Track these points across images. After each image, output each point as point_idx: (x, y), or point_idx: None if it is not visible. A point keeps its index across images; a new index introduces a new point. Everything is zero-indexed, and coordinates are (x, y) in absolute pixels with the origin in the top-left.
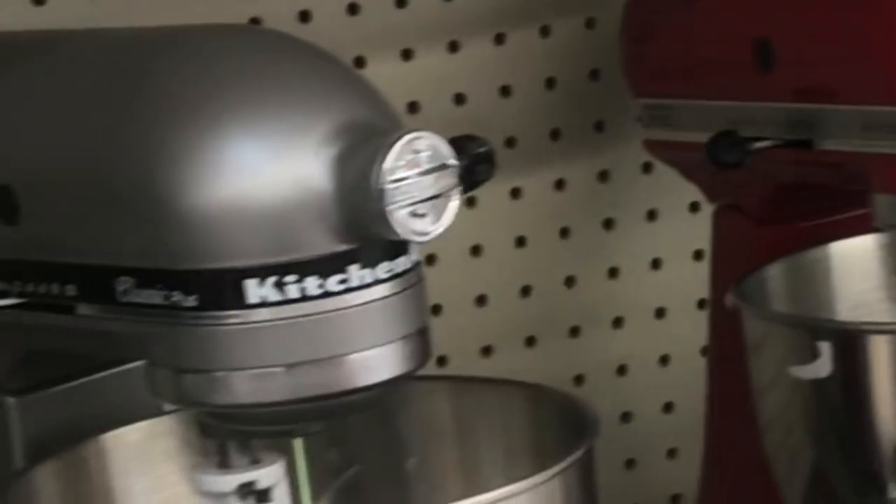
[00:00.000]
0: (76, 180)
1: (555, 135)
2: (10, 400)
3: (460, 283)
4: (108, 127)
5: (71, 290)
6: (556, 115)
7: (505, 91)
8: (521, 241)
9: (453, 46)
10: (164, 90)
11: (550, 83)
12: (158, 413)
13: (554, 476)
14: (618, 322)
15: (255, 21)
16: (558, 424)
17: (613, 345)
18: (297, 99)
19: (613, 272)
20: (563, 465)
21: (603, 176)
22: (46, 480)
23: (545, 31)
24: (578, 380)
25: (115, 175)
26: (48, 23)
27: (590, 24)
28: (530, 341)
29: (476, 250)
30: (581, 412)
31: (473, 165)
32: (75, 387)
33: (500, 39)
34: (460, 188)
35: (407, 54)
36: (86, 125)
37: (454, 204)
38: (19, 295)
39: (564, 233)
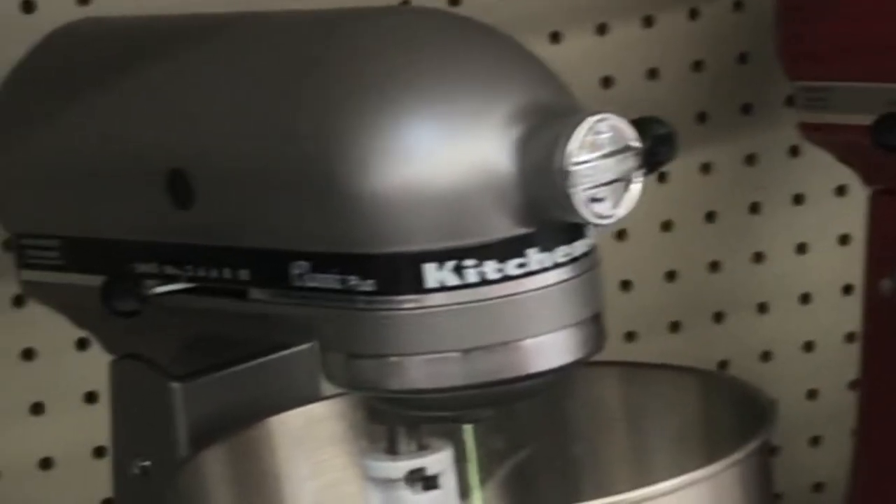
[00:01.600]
0: (251, 164)
1: (701, 118)
2: (175, 385)
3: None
4: (284, 109)
5: (244, 274)
6: (704, 97)
7: (652, 74)
8: (666, 226)
9: (601, 29)
10: (342, 72)
11: (698, 66)
12: (320, 397)
13: (730, 466)
14: (763, 307)
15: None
16: (732, 412)
17: (758, 330)
18: (479, 79)
19: (759, 257)
20: (740, 454)
21: (750, 159)
22: (213, 465)
23: (693, 14)
24: (722, 365)
25: (292, 158)
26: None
27: (738, 6)
28: (674, 326)
29: (621, 234)
30: (757, 399)
31: (655, 147)
32: (238, 372)
33: (648, 22)
34: (643, 171)
35: (555, 37)
36: (261, 108)
37: (637, 187)
38: (189, 279)
39: (710, 217)
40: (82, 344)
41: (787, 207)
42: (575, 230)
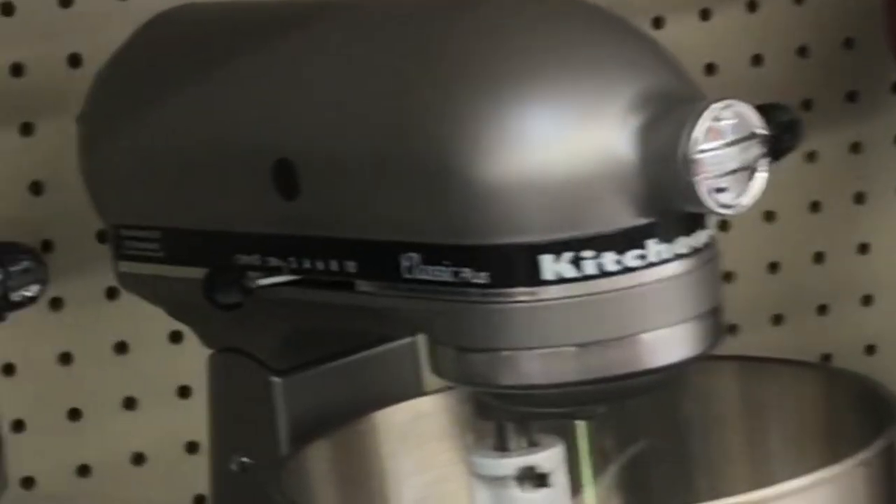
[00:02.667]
0: (360, 153)
1: (806, 105)
2: (276, 380)
3: None
4: (394, 97)
5: (351, 266)
6: (808, 84)
7: (756, 60)
8: (769, 216)
9: (705, 14)
10: (457, 56)
11: (803, 52)
12: (424, 392)
13: (857, 466)
14: (867, 300)
15: None
16: (853, 409)
17: (862, 323)
18: (598, 64)
19: (864, 248)
20: (867, 453)
21: (855, 148)
22: (315, 461)
23: None
24: (825, 359)
25: (403, 147)
26: None
27: None
28: (777, 319)
29: (723, 225)
30: (880, 396)
31: (780, 134)
32: (340, 366)
33: (752, 6)
34: (768, 159)
35: (658, 22)
36: (370, 96)
37: (762, 175)
38: (293, 271)
39: (814, 207)
40: (175, 337)
41: (893, 197)
42: (695, 220)
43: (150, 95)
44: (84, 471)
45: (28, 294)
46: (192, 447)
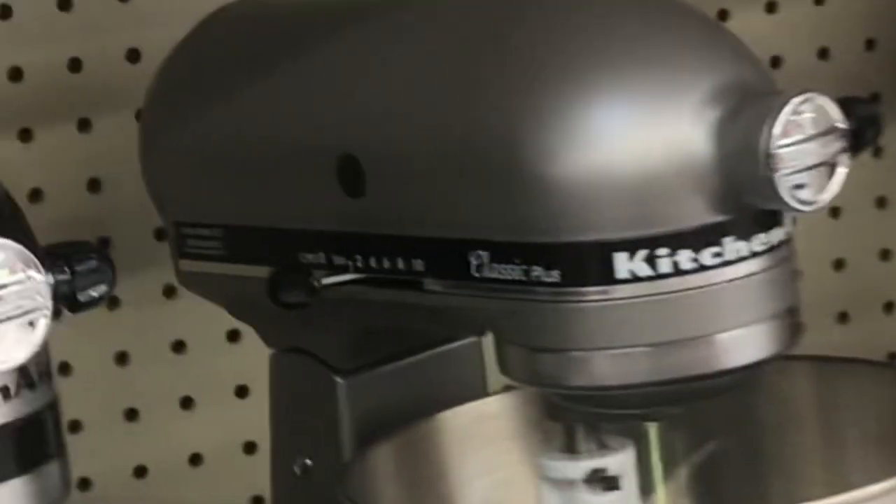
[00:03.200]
0: (428, 148)
1: (874, 99)
2: (340, 380)
3: None
4: (463, 91)
5: (418, 264)
6: (876, 78)
7: (823, 53)
8: (835, 212)
9: (770, 7)
10: (528, 49)
11: (870, 45)
12: (489, 392)
13: None
14: None
15: None
16: None
17: None
18: (673, 57)
19: None
20: None
21: None
22: (380, 463)
23: None
24: (891, 358)
25: (472, 142)
26: None
27: None
28: (842, 317)
29: None
30: None
31: (861, 129)
32: (404, 366)
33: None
34: (848, 154)
35: (723, 15)
36: (438, 90)
37: (842, 171)
38: (359, 270)
39: (881, 203)
40: (233, 336)
41: None
42: (772, 217)
43: (213, 90)
44: (141, 472)
45: (95, 294)
46: (249, 447)
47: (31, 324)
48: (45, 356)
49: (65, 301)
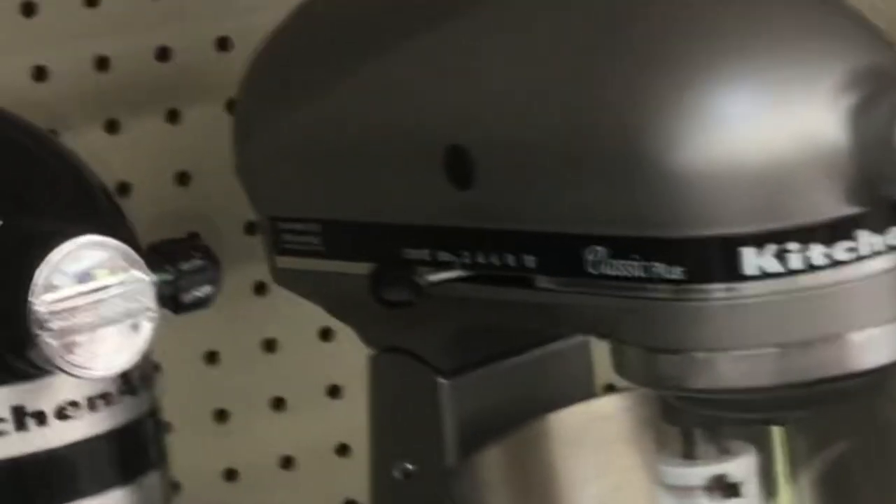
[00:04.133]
0: (541, 138)
1: None
2: (443, 381)
3: None
4: (581, 78)
5: (529, 261)
6: None
7: None
8: None
9: None
10: (649, 34)
11: None
12: (599, 392)
13: None
14: None
15: None
16: None
17: None
18: (804, 41)
19: None
20: None
21: None
22: (486, 468)
23: None
24: None
25: (590, 131)
26: None
27: None
28: None
29: None
30: None
31: None
32: (509, 366)
33: None
34: None
35: None
36: (553, 77)
37: None
38: (466, 267)
39: None
40: (326, 334)
41: None
42: None
43: (310, 79)
44: (231, 475)
45: (200, 295)
46: (342, 450)
47: (135, 327)
48: (147, 360)
49: (168, 302)
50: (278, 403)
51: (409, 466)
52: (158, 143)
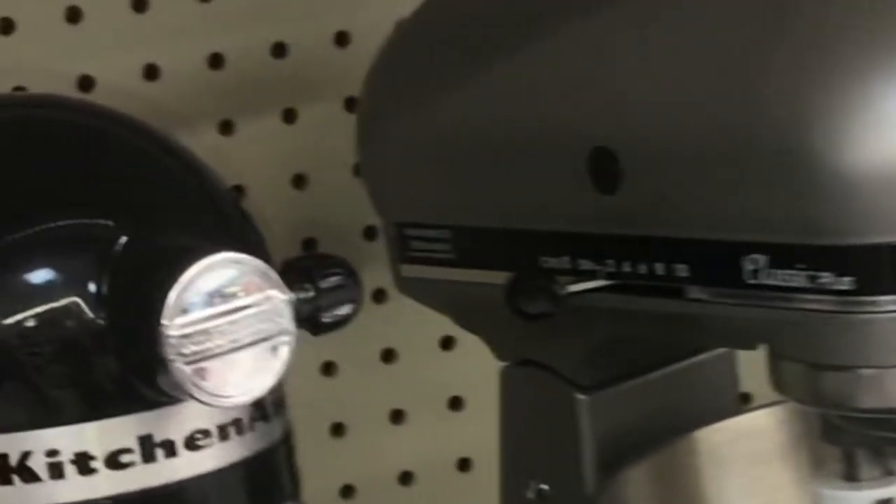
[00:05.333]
0: (695, 139)
1: None
2: (581, 397)
3: None
4: (739, 74)
5: (681, 269)
6: None
7: None
8: None
9: None
10: (814, 24)
11: None
12: (747, 408)
13: None
14: None
15: None
16: None
17: None
18: None
19: None
20: None
21: None
22: (628, 487)
23: None
24: None
25: (750, 131)
26: None
27: None
28: None
29: None
30: None
31: None
32: (650, 380)
33: None
34: None
35: None
36: (707, 71)
37: None
38: (610, 276)
39: None
40: (447, 343)
41: None
42: None
43: (440, 76)
44: (348, 491)
45: (340, 314)
46: (464, 464)
47: (272, 350)
48: (280, 383)
49: (307, 323)
50: (397, 416)
51: (544, 487)
52: (274, 143)
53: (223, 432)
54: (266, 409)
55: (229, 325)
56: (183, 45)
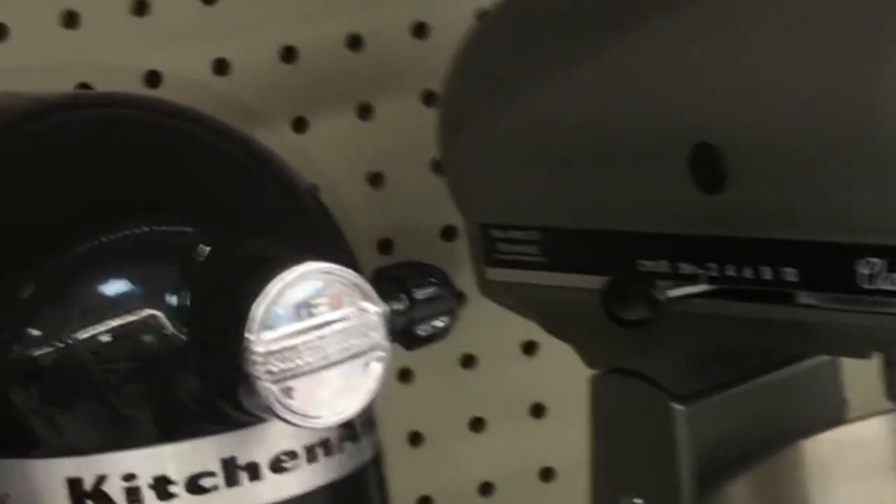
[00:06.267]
0: (807, 135)
1: None
2: (679, 407)
3: None
4: (856, 65)
5: (790, 273)
6: None
7: None
8: None
9: None
10: None
11: None
12: (854, 417)
13: None
14: None
15: None
16: None
17: None
18: None
19: None
20: None
21: None
22: (734, 498)
23: None
24: None
25: (866, 125)
26: None
27: None
28: None
29: None
30: None
31: None
32: (750, 389)
33: None
34: None
35: None
36: (822, 64)
37: None
38: (712, 280)
39: None
40: (529, 348)
41: None
42: None
43: (528, 69)
44: (426, 502)
45: (437, 327)
46: (547, 474)
47: (364, 367)
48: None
49: (401, 337)
50: (477, 424)
51: (638, 502)
52: (349, 140)
53: (311, 454)
54: (355, 427)
55: (319, 341)
56: (254, 37)
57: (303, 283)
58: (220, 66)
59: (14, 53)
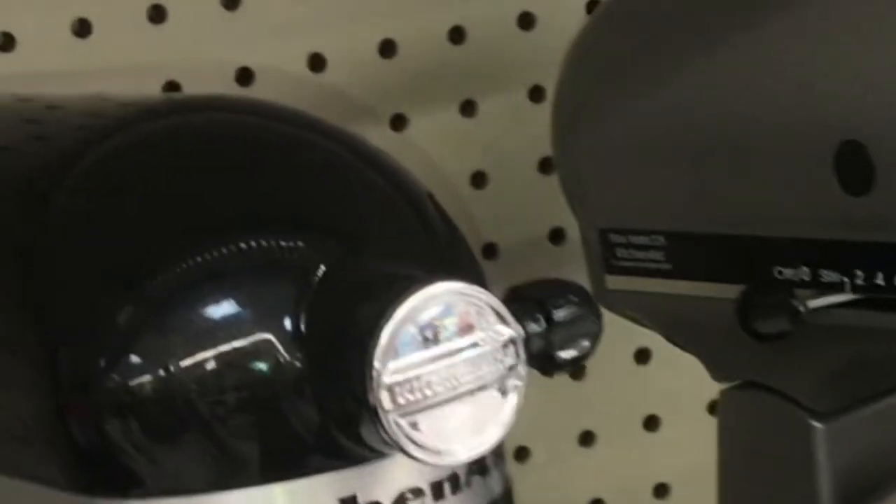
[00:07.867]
0: None
1: None
2: (818, 425)
3: None
4: None
5: None
6: None
7: None
8: None
9: None
10: None
11: None
12: None
13: None
14: None
15: None
16: None
17: None
18: None
19: None
20: None
21: None
22: None
23: None
24: None
25: None
26: None
27: None
28: None
29: None
30: None
31: None
32: (894, 404)
33: None
34: None
35: None
36: None
37: None
38: (858, 289)
39: None
40: (642, 356)
41: None
42: None
43: (651, 63)
44: None
45: (579, 351)
46: (660, 491)
47: (499, 396)
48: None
49: (539, 361)
50: (586, 437)
51: None
52: (451, 138)
53: (437, 491)
54: (485, 460)
55: (449, 369)
56: (351, 30)
57: (433, 306)
58: (316, 62)
59: (98, 51)
